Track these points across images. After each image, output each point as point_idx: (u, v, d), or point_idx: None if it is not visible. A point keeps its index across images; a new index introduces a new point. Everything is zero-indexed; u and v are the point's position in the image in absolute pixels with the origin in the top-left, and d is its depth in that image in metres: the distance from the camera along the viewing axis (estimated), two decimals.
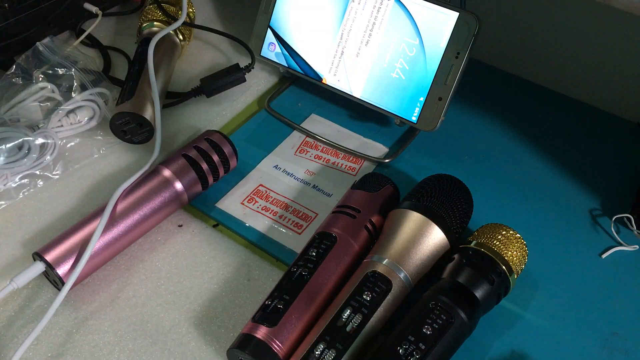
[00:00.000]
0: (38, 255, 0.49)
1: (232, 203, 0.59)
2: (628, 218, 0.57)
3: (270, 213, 0.58)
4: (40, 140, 0.58)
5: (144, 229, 0.54)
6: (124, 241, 0.52)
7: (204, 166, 0.56)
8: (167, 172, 0.55)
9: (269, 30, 0.70)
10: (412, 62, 0.62)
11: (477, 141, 0.67)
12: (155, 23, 0.69)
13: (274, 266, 0.54)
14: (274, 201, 0.59)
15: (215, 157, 0.57)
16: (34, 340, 0.47)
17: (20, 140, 0.57)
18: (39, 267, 0.49)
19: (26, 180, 0.58)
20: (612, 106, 0.71)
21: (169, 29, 0.67)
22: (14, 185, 0.58)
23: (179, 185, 0.55)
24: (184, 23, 0.70)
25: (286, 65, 0.70)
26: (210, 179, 0.57)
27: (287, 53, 0.69)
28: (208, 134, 0.59)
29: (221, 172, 0.58)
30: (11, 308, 0.50)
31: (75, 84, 0.62)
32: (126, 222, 0.52)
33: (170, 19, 0.69)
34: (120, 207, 0.52)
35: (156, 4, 0.70)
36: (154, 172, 0.55)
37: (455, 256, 0.49)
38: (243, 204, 0.59)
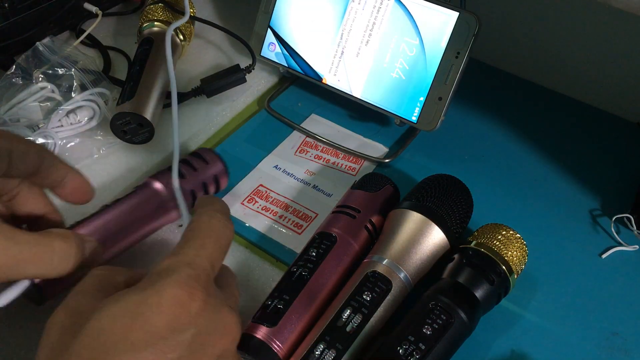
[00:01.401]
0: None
1: (232, 203, 0.59)
2: (628, 218, 0.57)
3: (270, 213, 0.58)
4: (40, 141, 0.58)
5: (132, 243, 0.52)
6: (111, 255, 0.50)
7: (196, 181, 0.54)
8: (158, 185, 0.52)
9: (269, 30, 0.70)
10: (412, 62, 0.62)
11: (477, 141, 0.67)
12: (155, 23, 0.69)
13: (274, 266, 0.54)
14: (274, 201, 0.59)
15: (206, 176, 0.55)
16: None
17: None
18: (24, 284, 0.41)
19: None
20: (612, 106, 0.71)
21: (179, 23, 0.67)
22: None
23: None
24: (190, 17, 0.70)
25: (286, 65, 0.70)
26: (201, 194, 0.55)
27: (287, 53, 0.69)
28: (202, 152, 0.56)
29: (211, 190, 0.56)
30: None
31: (75, 83, 0.62)
32: (116, 239, 0.50)
33: (176, 13, 0.69)
34: (109, 222, 0.50)
35: (159, 3, 0.70)
36: (144, 185, 0.53)
37: (455, 256, 0.49)
38: (243, 204, 0.59)
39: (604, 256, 0.55)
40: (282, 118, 0.68)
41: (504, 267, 0.47)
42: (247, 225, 0.57)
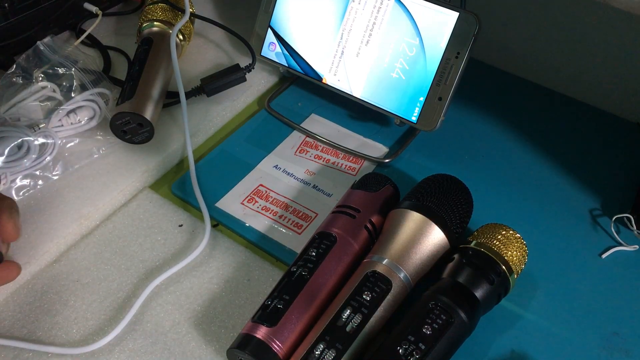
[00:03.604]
0: None
1: (232, 203, 0.59)
2: (628, 218, 0.57)
3: (270, 213, 0.58)
4: (40, 140, 0.58)
5: None
6: None
7: None
8: None
9: (269, 30, 0.70)
10: (412, 62, 0.62)
11: (477, 141, 0.67)
12: (155, 23, 0.69)
13: (274, 266, 0.54)
14: (274, 201, 0.59)
15: None
16: None
17: (20, 140, 0.57)
18: None
19: (26, 180, 0.58)
20: (612, 106, 0.71)
21: (181, 23, 0.67)
22: (14, 185, 0.58)
23: None
24: (191, 14, 0.70)
25: (286, 65, 0.70)
26: None
27: (287, 53, 0.69)
28: None
29: None
30: None
31: (75, 83, 0.62)
32: None
33: (176, 10, 0.69)
34: None
35: (158, 2, 0.70)
36: None
37: (455, 256, 0.49)
38: (243, 204, 0.59)
39: (604, 256, 0.55)
40: (282, 118, 0.68)
41: (504, 267, 0.47)
42: (247, 225, 0.57)
